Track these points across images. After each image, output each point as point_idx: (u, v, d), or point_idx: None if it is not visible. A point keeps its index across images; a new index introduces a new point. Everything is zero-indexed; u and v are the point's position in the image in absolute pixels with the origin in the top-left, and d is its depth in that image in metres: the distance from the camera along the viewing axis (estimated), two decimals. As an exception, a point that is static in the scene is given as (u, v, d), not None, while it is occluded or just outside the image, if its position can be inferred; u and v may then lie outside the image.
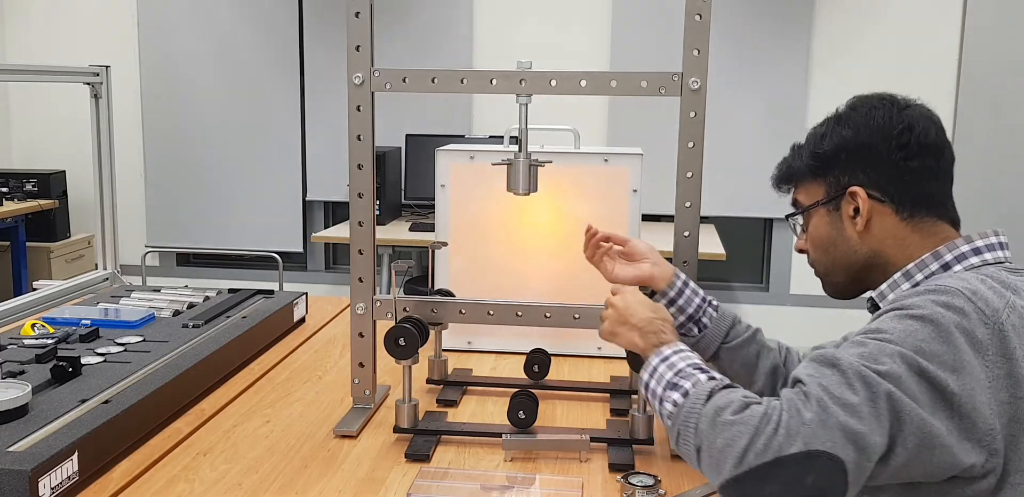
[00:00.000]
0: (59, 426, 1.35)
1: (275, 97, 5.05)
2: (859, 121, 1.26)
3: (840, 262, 1.30)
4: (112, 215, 3.14)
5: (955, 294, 1.09)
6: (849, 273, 1.30)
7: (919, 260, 1.23)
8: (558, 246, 1.98)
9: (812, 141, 1.30)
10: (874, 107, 1.27)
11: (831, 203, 1.28)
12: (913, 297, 1.11)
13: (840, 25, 4.69)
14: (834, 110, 1.32)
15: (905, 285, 1.23)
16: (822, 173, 1.29)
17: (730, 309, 1.54)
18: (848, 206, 1.26)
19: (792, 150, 1.35)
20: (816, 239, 1.32)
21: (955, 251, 1.22)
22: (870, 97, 1.29)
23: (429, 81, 1.54)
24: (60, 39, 5.24)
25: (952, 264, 1.21)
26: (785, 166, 1.36)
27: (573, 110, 4.69)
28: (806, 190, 1.32)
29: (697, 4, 1.48)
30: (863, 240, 1.26)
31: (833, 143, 1.27)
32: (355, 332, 1.65)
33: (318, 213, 5.29)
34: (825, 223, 1.30)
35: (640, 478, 1.34)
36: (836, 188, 1.27)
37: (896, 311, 1.10)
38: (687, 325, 1.50)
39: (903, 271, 1.24)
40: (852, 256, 1.28)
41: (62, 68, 3.60)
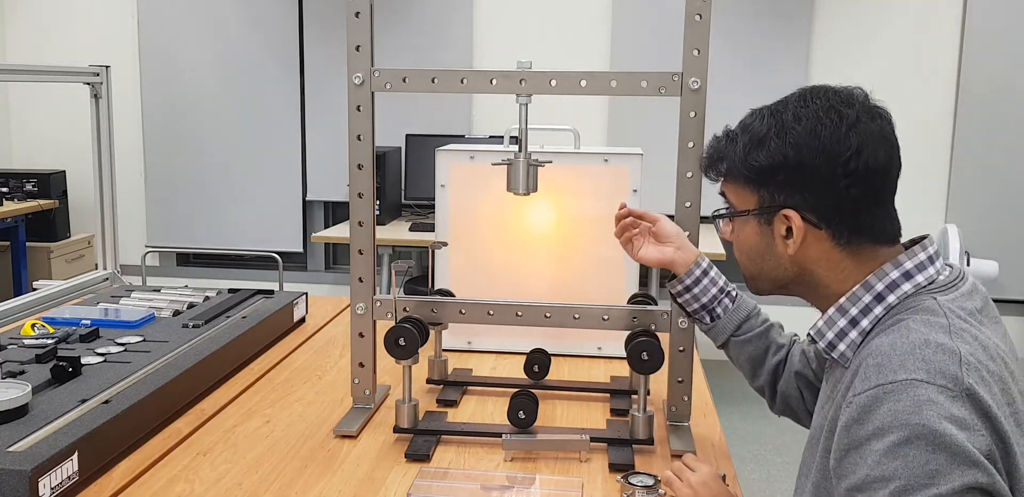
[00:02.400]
0: (59, 426, 1.35)
1: (275, 97, 5.05)
2: (802, 139, 1.14)
3: (767, 273, 1.24)
4: (112, 215, 3.15)
5: (911, 385, 1.02)
6: (775, 284, 1.25)
7: (851, 293, 1.17)
8: (558, 246, 1.98)
9: (748, 144, 1.19)
10: (820, 122, 1.14)
11: (762, 216, 1.20)
12: (874, 411, 1.03)
13: (840, 25, 4.69)
14: (778, 104, 1.21)
15: (846, 327, 1.16)
16: (755, 184, 1.19)
17: (749, 302, 1.52)
18: (780, 225, 1.18)
19: (727, 137, 1.24)
20: (743, 245, 1.25)
21: (885, 279, 1.15)
22: (816, 104, 1.16)
23: (429, 81, 1.54)
24: (60, 39, 5.24)
25: (885, 294, 1.15)
26: (717, 156, 1.25)
27: (573, 110, 4.70)
28: (736, 190, 1.23)
29: (697, 4, 1.48)
30: (793, 260, 1.20)
31: (770, 159, 1.16)
32: (355, 332, 1.65)
33: (318, 213, 5.29)
34: (754, 232, 1.22)
35: (640, 478, 1.34)
36: (768, 203, 1.18)
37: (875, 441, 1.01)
38: (700, 313, 1.50)
39: (837, 306, 1.18)
40: (780, 271, 1.23)
41: (62, 68, 3.60)
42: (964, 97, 4.60)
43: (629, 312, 1.60)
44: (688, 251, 1.51)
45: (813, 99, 1.18)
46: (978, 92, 4.59)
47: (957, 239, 4.37)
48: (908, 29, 4.64)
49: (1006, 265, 4.58)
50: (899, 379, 1.03)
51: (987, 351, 1.08)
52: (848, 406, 1.06)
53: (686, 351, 1.60)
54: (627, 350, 1.51)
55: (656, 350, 1.49)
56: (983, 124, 4.60)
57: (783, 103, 1.20)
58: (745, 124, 1.22)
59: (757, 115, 1.22)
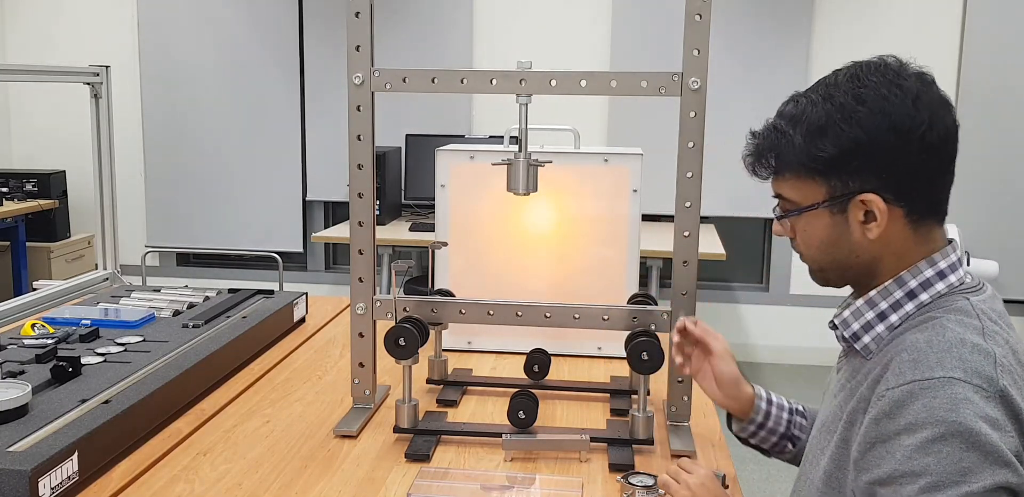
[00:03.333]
0: (59, 426, 1.35)
1: (275, 97, 5.05)
2: (871, 120, 1.10)
3: (839, 262, 1.19)
4: (112, 215, 3.14)
5: (948, 383, 1.02)
6: (845, 273, 1.21)
7: (882, 287, 1.16)
8: (558, 246, 1.98)
9: (808, 134, 1.13)
10: (886, 100, 1.10)
11: (835, 206, 1.15)
12: (908, 406, 1.03)
13: (840, 25, 4.69)
14: (825, 88, 1.15)
15: (873, 320, 1.16)
16: (822, 174, 1.14)
17: (810, 408, 1.45)
18: (857, 211, 1.14)
19: (775, 131, 1.17)
20: (811, 238, 1.20)
21: (919, 277, 1.15)
22: (873, 81, 1.12)
23: (429, 81, 1.54)
24: (60, 39, 5.24)
25: (918, 292, 1.15)
26: (767, 153, 1.18)
27: (573, 110, 4.69)
28: (796, 185, 1.17)
29: (697, 4, 1.48)
30: (872, 245, 1.16)
31: (839, 145, 1.11)
32: (355, 332, 1.65)
33: (318, 213, 5.30)
34: (825, 224, 1.17)
35: (640, 478, 1.34)
36: (841, 191, 1.14)
37: (906, 436, 1.01)
38: (781, 443, 1.43)
39: (867, 299, 1.17)
40: (852, 259, 1.18)
41: (62, 68, 3.60)
42: (964, 97, 4.60)
43: (629, 312, 1.60)
44: (744, 394, 1.43)
45: (868, 77, 1.14)
46: (978, 92, 4.59)
47: (957, 239, 4.37)
48: (908, 29, 4.64)
49: (1006, 265, 4.58)
50: (936, 376, 1.03)
51: (1016, 355, 1.09)
52: (879, 399, 1.05)
53: (686, 351, 1.60)
54: (627, 350, 1.51)
55: (656, 350, 1.49)
56: (983, 124, 4.60)
57: (831, 86, 1.15)
58: (792, 114, 1.16)
59: (805, 103, 1.15)
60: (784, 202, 1.21)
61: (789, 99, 1.19)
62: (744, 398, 1.43)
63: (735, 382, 1.42)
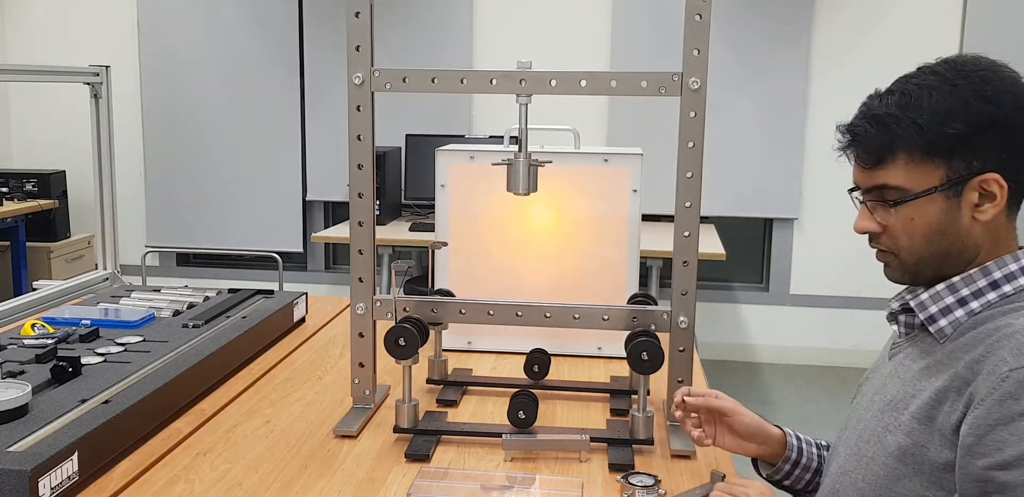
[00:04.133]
0: (59, 426, 1.35)
1: (275, 97, 5.05)
2: (1002, 97, 1.11)
3: (939, 253, 1.17)
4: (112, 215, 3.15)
5: None
6: (941, 266, 1.18)
7: (967, 274, 1.16)
8: (558, 246, 1.98)
9: (934, 114, 1.12)
10: (1007, 80, 1.12)
11: (952, 189, 1.13)
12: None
13: (840, 25, 4.69)
14: (933, 76, 1.15)
15: (953, 304, 1.16)
16: (944, 154, 1.12)
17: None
18: (972, 193, 1.13)
19: (891, 119, 1.14)
20: (918, 227, 1.16)
21: (1004, 269, 1.15)
22: (985, 65, 1.14)
23: (429, 81, 1.54)
24: (60, 39, 5.25)
25: (1001, 283, 1.15)
26: (883, 141, 1.15)
27: (573, 110, 4.70)
28: (910, 171, 1.14)
29: (697, 4, 1.48)
30: (977, 232, 1.15)
31: (973, 122, 1.11)
32: (355, 332, 1.65)
33: (318, 213, 5.30)
34: (938, 210, 1.14)
35: (640, 478, 1.34)
36: (961, 172, 1.12)
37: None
38: (814, 480, 1.40)
39: (948, 284, 1.17)
40: (956, 248, 1.16)
41: (62, 68, 3.60)
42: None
43: (629, 312, 1.60)
44: (774, 436, 1.39)
45: (975, 62, 1.16)
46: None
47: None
48: (908, 30, 4.64)
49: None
50: None
51: None
52: (1004, 380, 1.03)
53: (686, 351, 1.60)
54: (627, 350, 1.51)
55: (656, 350, 1.49)
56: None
57: (939, 74, 1.15)
58: (906, 103, 1.15)
59: (918, 92, 1.14)
60: (889, 191, 1.17)
61: (883, 93, 1.19)
62: (774, 440, 1.40)
63: (761, 428, 1.39)
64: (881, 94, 1.19)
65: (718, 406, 1.37)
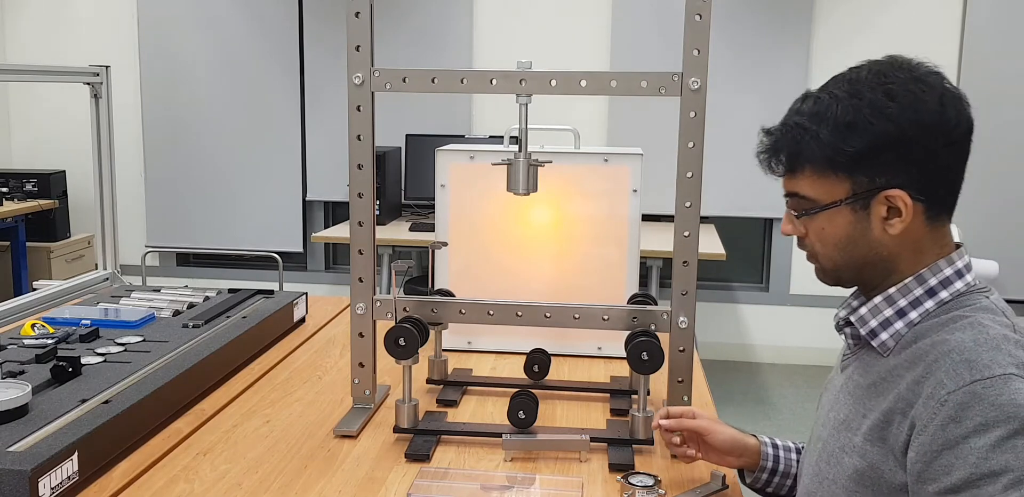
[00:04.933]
0: (59, 426, 1.35)
1: (275, 97, 5.05)
2: (903, 115, 1.10)
3: (855, 261, 1.18)
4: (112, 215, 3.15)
5: (1009, 380, 1.01)
6: (860, 273, 1.19)
7: (902, 285, 1.16)
8: (558, 246, 1.98)
9: (838, 129, 1.12)
10: (916, 96, 1.11)
11: (859, 202, 1.14)
12: (973, 407, 1.01)
13: (840, 25, 4.69)
14: (847, 85, 1.15)
15: (892, 317, 1.15)
16: (846, 169, 1.13)
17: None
18: (880, 207, 1.14)
19: (798, 129, 1.16)
20: (830, 236, 1.18)
21: (939, 275, 1.15)
22: (901, 77, 1.13)
23: (429, 81, 1.54)
24: (60, 39, 5.25)
25: (938, 290, 1.15)
26: (791, 151, 1.17)
27: (573, 110, 4.70)
28: (818, 182, 1.16)
29: (697, 4, 1.48)
30: (889, 243, 1.16)
31: (870, 140, 1.11)
32: (355, 332, 1.65)
33: (318, 213, 5.30)
34: (846, 222, 1.16)
35: (640, 478, 1.34)
36: (866, 187, 1.13)
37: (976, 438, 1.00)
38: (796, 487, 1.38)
39: (886, 296, 1.17)
40: (871, 257, 1.17)
41: (62, 68, 3.60)
42: (964, 97, 4.60)
43: (629, 312, 1.60)
44: (750, 447, 1.40)
45: (893, 73, 1.14)
46: (978, 92, 4.56)
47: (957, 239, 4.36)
48: (908, 29, 4.64)
49: (1006, 265, 4.57)
50: (996, 374, 1.02)
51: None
52: (942, 405, 1.03)
53: (686, 351, 1.60)
54: (627, 350, 1.51)
55: (656, 350, 1.49)
56: (983, 124, 4.54)
57: (855, 83, 1.16)
58: (815, 111, 1.15)
59: (828, 100, 1.15)
60: (800, 200, 1.19)
61: (805, 97, 1.19)
62: (752, 451, 1.40)
63: (736, 442, 1.39)
64: (803, 97, 1.19)
65: (692, 426, 1.39)
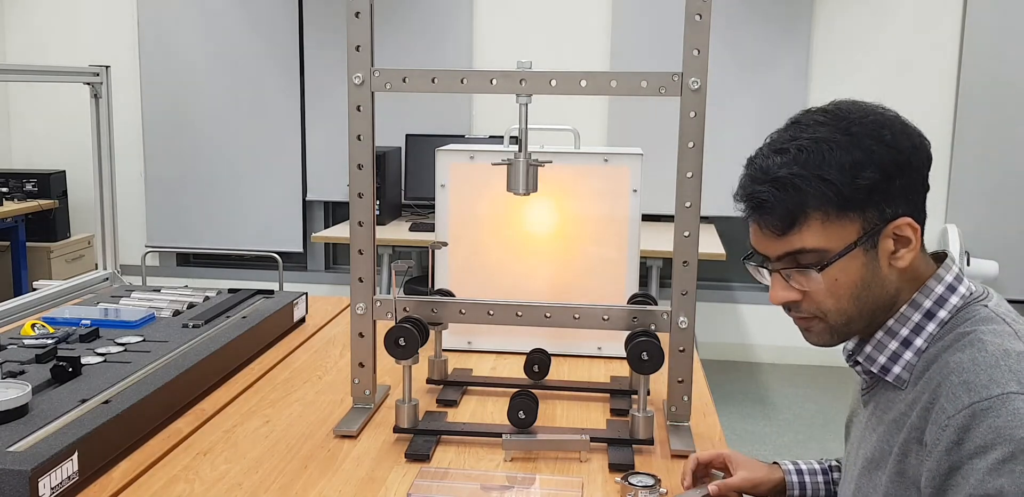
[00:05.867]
0: (59, 426, 1.35)
1: (275, 97, 5.05)
2: (900, 140, 1.09)
3: (868, 307, 1.14)
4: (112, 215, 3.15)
5: (1007, 399, 0.99)
6: (871, 318, 1.15)
7: (899, 314, 1.14)
8: (558, 246, 1.98)
9: (842, 168, 1.07)
10: (903, 124, 1.11)
11: (870, 240, 1.10)
12: (973, 430, 1.00)
13: (840, 25, 4.69)
14: (825, 124, 1.11)
15: (898, 349, 1.13)
16: (859, 207, 1.08)
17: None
18: (888, 241, 1.10)
19: (794, 179, 1.09)
20: (844, 286, 1.12)
21: (932, 296, 1.13)
22: (868, 109, 1.13)
23: (429, 81, 1.54)
24: (60, 39, 5.25)
25: (935, 310, 1.13)
26: (788, 200, 1.09)
27: (573, 110, 4.70)
28: (825, 230, 1.09)
29: (697, 4, 1.48)
30: (896, 278, 1.13)
31: (882, 169, 1.07)
32: (355, 332, 1.65)
33: (318, 213, 5.30)
34: (859, 265, 1.11)
35: (640, 478, 1.34)
36: (875, 222, 1.09)
37: (977, 460, 0.99)
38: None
39: (886, 329, 1.15)
40: (882, 298, 1.13)
41: (62, 68, 3.60)
42: (964, 97, 4.60)
43: (629, 312, 1.60)
44: (767, 472, 1.38)
45: (858, 108, 1.13)
46: (978, 92, 4.59)
47: (957, 239, 4.37)
48: (908, 29, 4.64)
49: (1006, 265, 4.58)
50: (994, 394, 1.00)
51: None
52: (944, 430, 1.02)
53: (686, 351, 1.60)
54: (627, 350, 1.51)
55: (656, 350, 1.49)
56: (983, 124, 4.60)
57: (831, 122, 1.11)
58: (807, 159, 1.09)
59: (815, 145, 1.09)
60: (806, 255, 1.12)
61: (771, 152, 1.13)
62: (778, 477, 1.39)
63: (765, 480, 1.38)
64: (769, 153, 1.13)
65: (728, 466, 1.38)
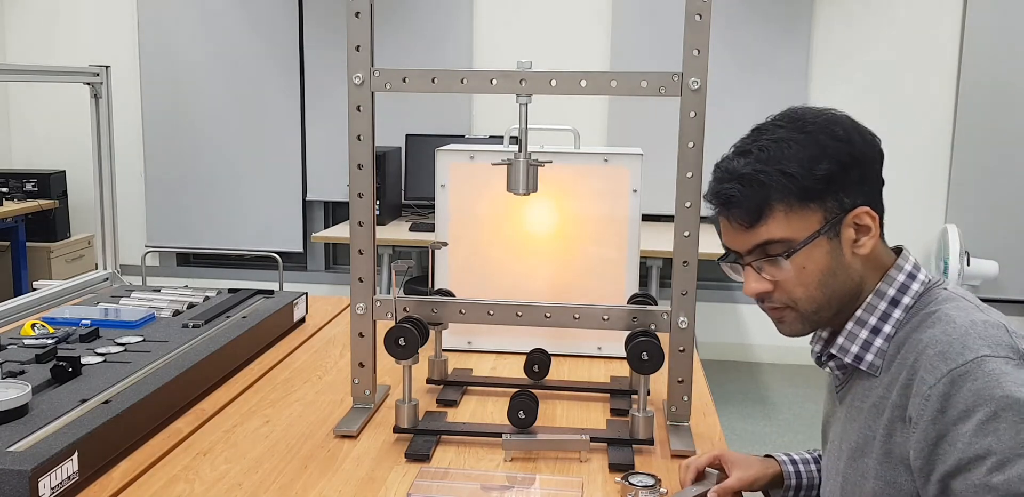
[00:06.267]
0: (59, 426, 1.35)
1: (275, 97, 5.05)
2: (852, 135, 1.17)
3: (836, 294, 1.19)
4: (112, 215, 3.15)
5: (982, 362, 1.04)
6: (839, 305, 1.20)
7: (866, 304, 1.19)
8: (558, 246, 1.98)
9: (800, 161, 1.14)
10: (852, 122, 1.19)
11: (832, 229, 1.16)
12: (954, 396, 1.03)
13: (840, 25, 4.69)
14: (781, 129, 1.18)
15: (868, 337, 1.18)
16: (818, 197, 1.15)
17: None
18: (849, 229, 1.17)
19: (757, 174, 1.15)
20: (811, 274, 1.17)
21: (895, 284, 1.19)
22: (821, 110, 1.20)
23: (429, 81, 1.54)
24: (60, 39, 5.25)
25: (899, 298, 1.18)
26: (753, 194, 1.16)
27: (573, 110, 4.70)
28: (789, 220, 1.16)
29: (697, 4, 1.48)
30: (860, 266, 1.19)
31: (838, 161, 1.14)
32: (355, 332, 1.65)
33: (318, 213, 5.30)
34: (824, 253, 1.16)
35: (640, 478, 1.34)
36: (835, 211, 1.16)
37: (961, 424, 1.02)
38: None
39: (855, 319, 1.19)
40: (848, 285, 1.19)
41: (62, 68, 3.60)
42: (964, 97, 4.60)
43: (629, 312, 1.60)
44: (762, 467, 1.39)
45: (812, 111, 1.21)
46: (978, 92, 4.59)
47: (957, 239, 4.37)
48: (908, 29, 4.64)
49: (1006, 265, 4.58)
50: (968, 359, 1.05)
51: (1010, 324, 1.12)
52: (927, 400, 1.06)
53: (686, 351, 1.60)
54: (627, 350, 1.51)
55: (656, 350, 1.49)
56: (983, 124, 4.60)
57: (788, 125, 1.18)
58: (769, 156, 1.16)
59: (775, 145, 1.16)
60: (773, 246, 1.17)
61: (735, 154, 1.20)
62: (772, 471, 1.40)
63: (761, 476, 1.38)
64: (734, 156, 1.20)
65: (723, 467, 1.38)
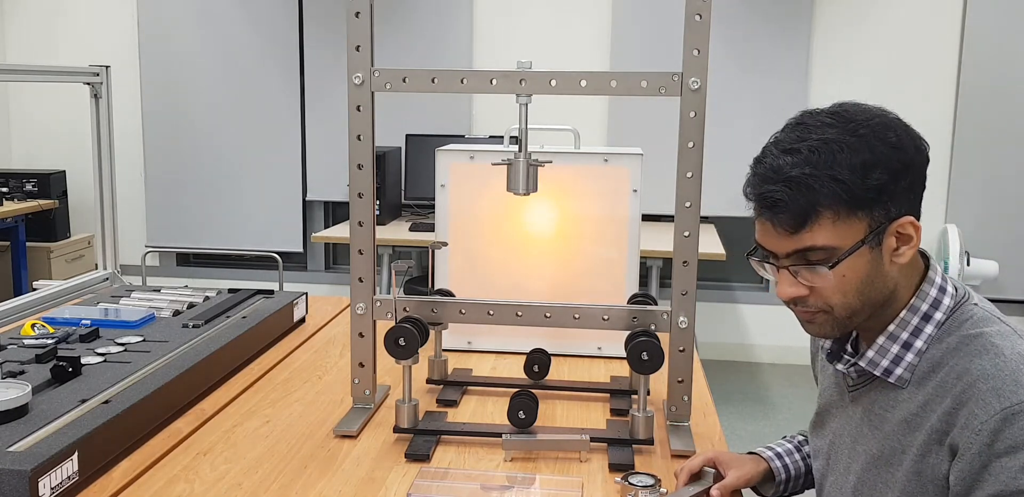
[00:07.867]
0: (59, 426, 1.35)
1: (275, 97, 5.05)
2: (904, 142, 1.12)
3: (872, 302, 1.17)
4: (112, 215, 3.15)
5: None
6: (873, 311, 1.18)
7: (899, 319, 1.18)
8: (558, 246, 1.98)
9: (854, 169, 1.09)
10: (906, 126, 1.14)
11: (875, 238, 1.13)
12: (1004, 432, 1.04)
13: (840, 25, 4.69)
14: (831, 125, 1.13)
15: (900, 352, 1.17)
16: (867, 206, 1.11)
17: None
18: (891, 238, 1.13)
19: (807, 179, 1.10)
20: (851, 282, 1.14)
21: (927, 299, 1.18)
22: (874, 111, 1.15)
23: (429, 81, 1.54)
24: (60, 39, 5.25)
25: (931, 313, 1.17)
26: (800, 199, 1.11)
27: (573, 110, 4.70)
28: (836, 229, 1.11)
29: (697, 4, 1.48)
30: (896, 275, 1.17)
31: (890, 170, 1.10)
32: (355, 332, 1.65)
33: (318, 213, 5.30)
34: (865, 262, 1.13)
35: (640, 478, 1.34)
36: (881, 220, 1.12)
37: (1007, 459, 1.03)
38: (809, 478, 1.42)
39: (887, 334, 1.18)
40: (884, 293, 1.17)
41: (62, 68, 3.60)
42: (964, 97, 4.60)
43: (629, 312, 1.60)
44: (754, 465, 1.39)
45: (863, 110, 1.15)
46: (978, 92, 4.59)
47: (957, 239, 4.37)
48: (908, 29, 4.64)
49: (1006, 265, 4.58)
50: (1022, 399, 1.05)
51: None
52: (978, 434, 1.06)
53: (686, 351, 1.60)
54: (627, 350, 1.51)
55: (656, 350, 1.49)
56: (983, 124, 4.60)
57: (838, 124, 1.13)
58: (819, 160, 1.11)
59: (825, 146, 1.11)
60: (816, 253, 1.13)
61: (781, 152, 1.14)
62: (763, 467, 1.41)
63: (755, 477, 1.39)
64: (779, 153, 1.14)
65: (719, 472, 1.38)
